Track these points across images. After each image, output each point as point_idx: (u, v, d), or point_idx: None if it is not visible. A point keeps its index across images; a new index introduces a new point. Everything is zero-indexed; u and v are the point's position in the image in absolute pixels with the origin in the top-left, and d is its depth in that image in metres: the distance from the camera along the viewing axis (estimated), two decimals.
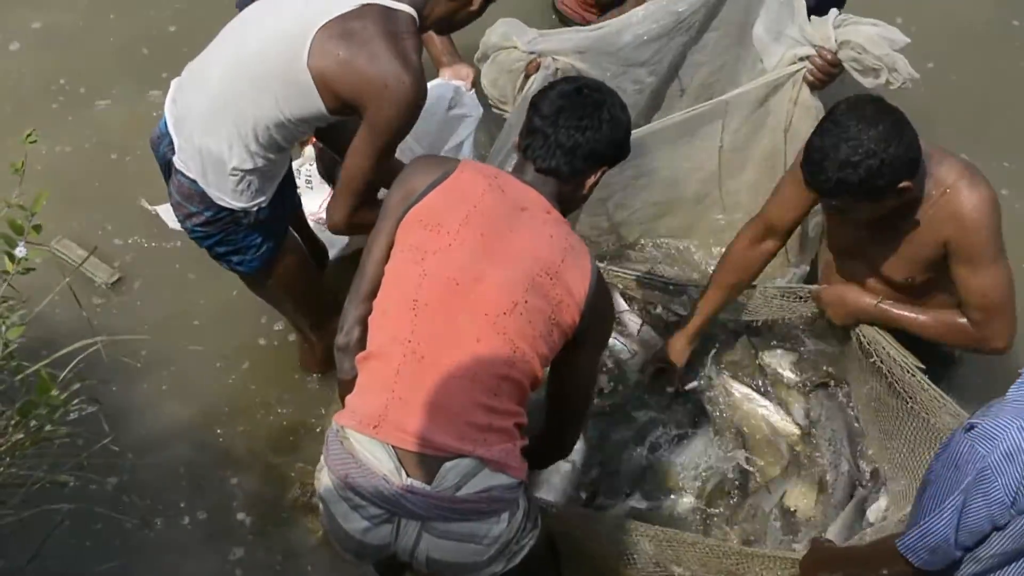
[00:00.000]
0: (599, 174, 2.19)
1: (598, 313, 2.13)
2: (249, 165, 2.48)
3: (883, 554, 2.08)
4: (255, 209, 2.56)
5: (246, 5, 2.61)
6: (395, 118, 2.33)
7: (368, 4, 2.36)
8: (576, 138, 2.12)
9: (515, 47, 2.88)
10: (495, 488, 2.03)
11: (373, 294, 2.13)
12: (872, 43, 2.77)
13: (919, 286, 2.61)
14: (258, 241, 2.64)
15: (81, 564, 2.70)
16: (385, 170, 2.43)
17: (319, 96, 2.36)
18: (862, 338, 2.74)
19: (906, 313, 2.64)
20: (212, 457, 2.98)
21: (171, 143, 2.54)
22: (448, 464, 2.00)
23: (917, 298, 2.65)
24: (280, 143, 2.50)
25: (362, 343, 2.14)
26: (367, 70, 2.30)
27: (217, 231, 2.59)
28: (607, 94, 2.20)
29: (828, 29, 2.83)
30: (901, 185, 2.35)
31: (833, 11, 2.89)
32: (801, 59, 2.89)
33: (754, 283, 2.89)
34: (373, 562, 2.35)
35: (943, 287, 2.58)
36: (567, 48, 2.89)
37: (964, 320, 2.55)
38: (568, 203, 2.19)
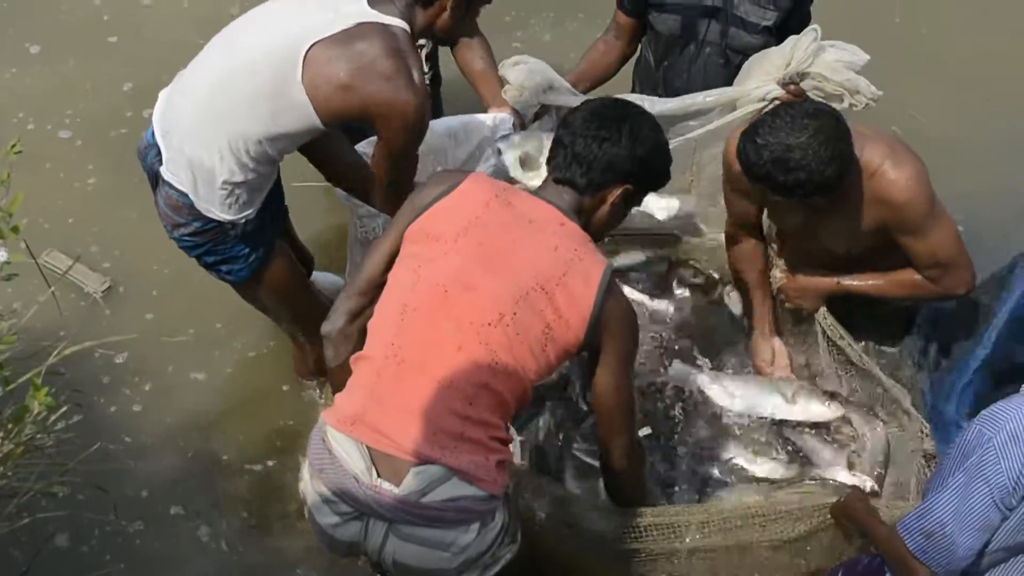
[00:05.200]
0: (620, 192, 2.14)
1: (610, 328, 2.08)
2: (240, 178, 2.49)
3: (893, 535, 2.04)
4: (242, 221, 2.58)
5: None
6: (403, 132, 2.42)
7: (365, 23, 2.36)
8: (593, 149, 2.11)
9: (525, 89, 2.90)
10: (463, 499, 2.02)
11: (367, 290, 2.17)
12: (832, 70, 2.80)
13: (859, 255, 2.67)
14: (246, 251, 2.65)
15: (75, 573, 2.69)
16: (414, 163, 2.57)
17: (315, 111, 2.39)
18: (824, 325, 2.80)
19: (864, 282, 2.72)
20: (205, 463, 2.98)
21: (158, 154, 2.53)
22: (416, 469, 2.00)
23: (864, 264, 2.70)
24: (272, 156, 2.52)
25: (349, 335, 2.17)
26: (373, 94, 2.34)
27: (206, 241, 2.60)
28: (633, 110, 2.18)
29: (798, 56, 2.82)
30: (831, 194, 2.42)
31: (810, 31, 2.85)
32: (771, 100, 2.84)
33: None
34: (341, 555, 2.34)
35: (886, 252, 2.63)
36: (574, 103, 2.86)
37: (920, 277, 2.61)
38: (590, 218, 2.16)
